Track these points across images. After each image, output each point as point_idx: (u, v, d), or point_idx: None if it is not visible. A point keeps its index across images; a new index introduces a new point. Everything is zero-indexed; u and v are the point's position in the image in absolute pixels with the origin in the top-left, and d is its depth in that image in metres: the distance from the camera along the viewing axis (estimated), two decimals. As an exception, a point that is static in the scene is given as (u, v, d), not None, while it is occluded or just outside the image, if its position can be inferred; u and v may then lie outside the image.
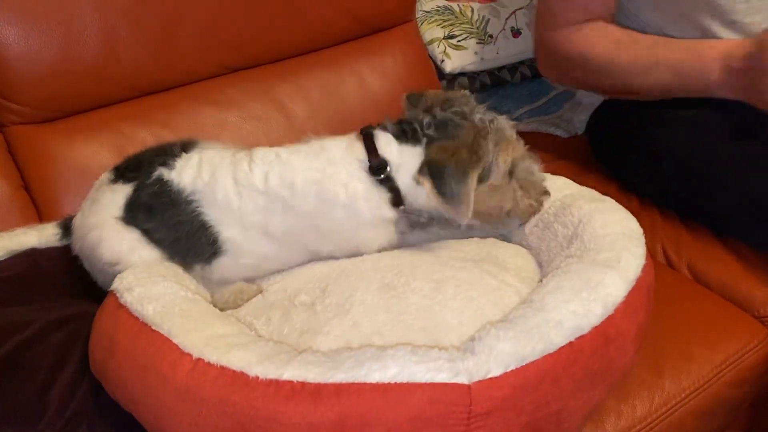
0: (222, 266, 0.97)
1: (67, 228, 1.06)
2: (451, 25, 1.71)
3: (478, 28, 1.71)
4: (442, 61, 1.66)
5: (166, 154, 0.98)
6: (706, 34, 1.23)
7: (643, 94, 1.26)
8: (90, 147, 1.23)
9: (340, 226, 0.94)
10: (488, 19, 1.72)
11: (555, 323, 0.75)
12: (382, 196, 0.93)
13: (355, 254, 0.98)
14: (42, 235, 1.07)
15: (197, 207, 0.94)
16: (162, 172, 0.96)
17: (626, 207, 1.00)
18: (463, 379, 0.69)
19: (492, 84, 1.73)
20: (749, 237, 1.17)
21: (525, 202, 0.97)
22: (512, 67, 1.75)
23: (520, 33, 1.73)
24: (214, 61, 1.33)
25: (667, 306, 1.02)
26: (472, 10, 1.73)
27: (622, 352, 0.82)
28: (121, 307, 0.84)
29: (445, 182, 0.87)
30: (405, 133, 0.93)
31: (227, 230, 0.94)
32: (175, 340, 0.76)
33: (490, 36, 1.71)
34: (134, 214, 0.95)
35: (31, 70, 1.16)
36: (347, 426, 0.68)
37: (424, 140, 0.92)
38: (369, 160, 0.92)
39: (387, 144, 0.93)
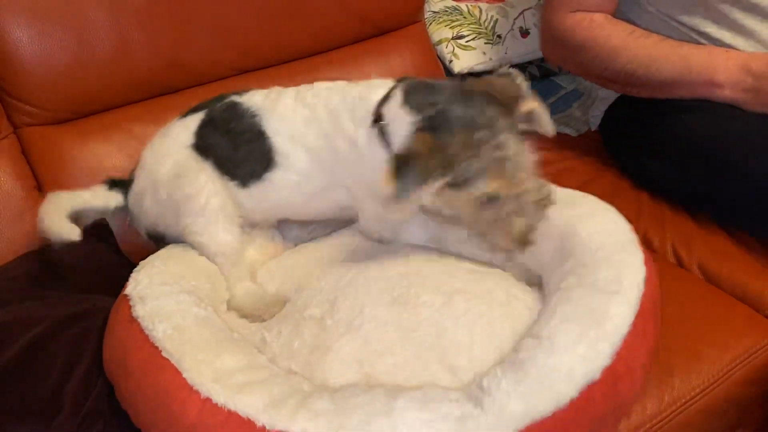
0: (272, 181, 1.01)
1: (114, 183, 1.12)
2: (459, 25, 1.71)
3: (486, 29, 1.71)
4: (451, 61, 1.66)
5: (236, 92, 1.07)
6: (722, 23, 1.24)
7: (644, 87, 1.28)
8: (103, 148, 1.24)
9: (349, 158, 0.96)
10: (496, 20, 1.72)
11: (566, 373, 0.74)
12: (381, 146, 0.92)
13: (372, 192, 0.95)
14: (94, 192, 1.11)
15: (259, 120, 1.00)
16: (233, 98, 1.05)
17: (636, 204, 1.00)
18: None
19: (500, 84, 1.73)
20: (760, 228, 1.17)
21: (493, 234, 0.91)
22: (521, 67, 1.74)
23: (528, 33, 1.73)
24: (224, 62, 1.34)
25: (677, 305, 1.02)
26: (481, 11, 1.73)
27: (632, 386, 0.80)
28: (134, 320, 0.85)
29: (402, 175, 0.82)
30: (413, 96, 0.90)
31: (280, 141, 0.99)
32: (185, 375, 0.76)
33: (499, 36, 1.70)
34: (204, 132, 1.03)
35: (44, 71, 1.17)
36: None
37: (418, 117, 0.87)
38: (375, 110, 0.93)
39: (394, 101, 0.91)
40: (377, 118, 0.92)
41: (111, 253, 1.14)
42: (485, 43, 1.69)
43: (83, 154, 1.23)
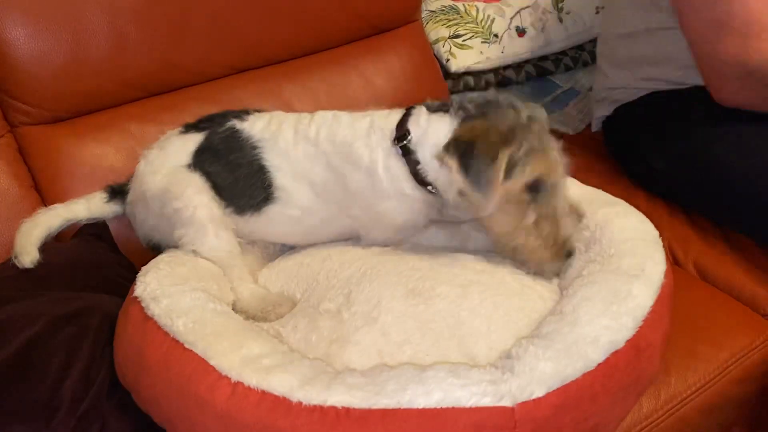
0: (270, 215, 1.02)
1: (114, 192, 1.12)
2: (456, 24, 1.71)
3: (483, 28, 1.71)
4: (448, 60, 1.66)
5: (240, 112, 1.06)
6: None
7: None
8: (99, 147, 1.24)
9: (362, 189, 0.96)
10: (493, 19, 1.72)
11: (591, 340, 0.76)
12: (402, 169, 0.93)
13: (382, 224, 0.98)
14: (90, 204, 1.12)
15: (260, 152, 1.01)
16: (235, 122, 1.04)
17: (633, 203, 1.01)
18: (507, 402, 0.70)
19: (497, 83, 1.73)
20: (759, 233, 1.17)
21: (532, 242, 0.90)
22: (517, 66, 1.75)
23: (525, 32, 1.73)
24: (221, 61, 1.34)
25: (674, 304, 1.03)
26: (477, 10, 1.73)
27: (651, 362, 0.83)
28: (148, 318, 0.85)
29: (471, 162, 0.84)
30: (442, 108, 0.92)
31: (281, 177, 1.00)
32: (212, 362, 0.76)
33: (495, 35, 1.71)
34: (202, 158, 1.03)
35: (40, 71, 1.17)
36: None
37: (460, 113, 0.89)
38: (395, 131, 0.93)
39: (417, 116, 0.93)
40: (402, 136, 0.92)
41: (108, 252, 1.14)
42: (482, 42, 1.69)
43: (80, 153, 1.23)
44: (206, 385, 0.75)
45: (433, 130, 0.91)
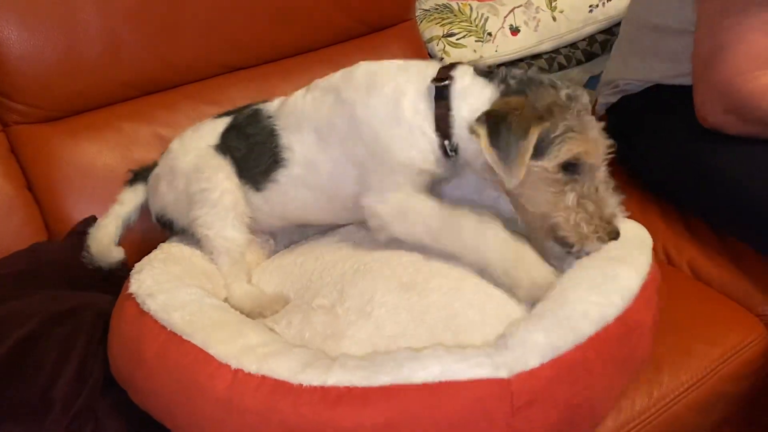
0: (280, 182, 1.02)
1: (135, 176, 1.16)
2: (450, 23, 1.71)
3: (477, 26, 1.71)
4: (442, 59, 1.67)
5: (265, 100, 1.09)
6: None
7: None
8: (93, 146, 1.23)
9: (372, 116, 0.93)
10: (487, 17, 1.73)
11: (582, 313, 0.77)
12: (429, 111, 0.91)
13: (383, 161, 0.93)
14: (122, 202, 1.14)
15: (272, 121, 1.02)
16: (260, 105, 1.07)
17: (627, 201, 1.00)
18: (503, 374, 0.71)
19: (491, 82, 1.74)
20: (753, 239, 1.18)
21: (574, 217, 0.85)
22: (511, 65, 1.75)
23: (518, 31, 1.74)
24: (215, 60, 1.34)
25: (666, 302, 1.03)
26: (471, 8, 1.73)
27: (642, 340, 0.84)
28: (145, 314, 0.85)
29: (501, 134, 0.82)
30: (488, 74, 0.91)
31: (288, 135, 1.00)
32: (210, 351, 0.77)
33: (489, 34, 1.71)
34: (228, 136, 1.05)
35: (34, 69, 1.16)
36: (397, 427, 0.70)
37: (502, 86, 0.88)
38: (438, 73, 0.91)
39: (464, 71, 0.91)
40: (443, 78, 0.90)
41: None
42: (476, 41, 1.69)
43: (73, 152, 1.23)
44: (206, 374, 0.75)
45: (475, 91, 0.89)
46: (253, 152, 1.03)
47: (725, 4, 1.10)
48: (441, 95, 0.90)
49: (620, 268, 0.84)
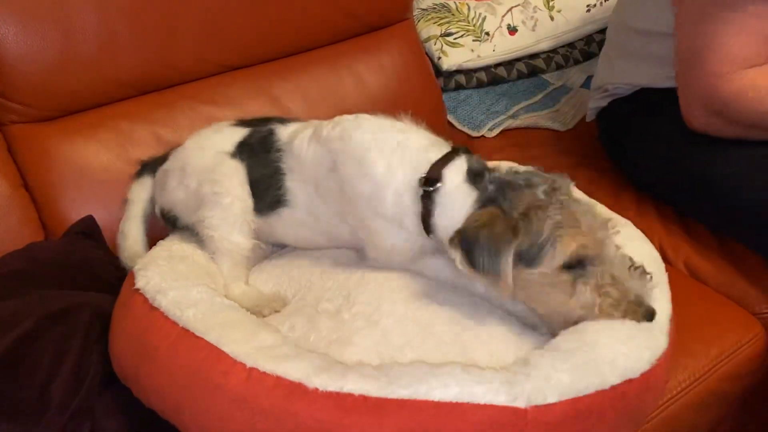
0: (282, 217, 1.02)
1: (144, 166, 1.17)
2: (447, 22, 1.71)
3: (474, 26, 1.71)
4: (439, 58, 1.67)
5: (287, 119, 1.08)
6: None
7: None
8: (89, 145, 1.23)
9: (360, 199, 0.93)
10: (484, 17, 1.73)
11: (609, 361, 0.76)
12: (413, 207, 0.90)
13: (372, 240, 0.95)
14: (135, 199, 1.15)
15: (281, 155, 1.01)
16: (276, 125, 1.06)
17: (623, 201, 1.01)
18: (520, 403, 0.71)
19: (488, 81, 1.74)
20: (748, 239, 1.18)
21: (599, 308, 0.80)
22: (508, 65, 1.75)
23: (516, 30, 1.74)
24: (212, 59, 1.34)
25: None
26: (469, 8, 1.74)
27: (655, 399, 0.85)
28: (154, 309, 0.84)
29: (475, 257, 0.80)
30: (478, 176, 0.87)
31: (292, 180, 1.00)
32: (225, 349, 0.76)
33: (487, 33, 1.71)
34: (241, 151, 1.05)
35: (30, 68, 1.16)
36: None
37: (482, 194, 0.85)
38: (429, 169, 0.89)
39: (455, 172, 0.88)
40: (432, 180, 0.88)
41: (97, 249, 1.14)
42: (473, 41, 1.69)
43: (70, 151, 1.22)
44: (220, 371, 0.75)
45: (458, 200, 0.87)
46: (260, 183, 1.03)
47: (701, 9, 1.11)
48: (427, 196, 0.88)
49: (654, 328, 0.82)
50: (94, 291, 1.01)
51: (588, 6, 1.80)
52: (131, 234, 1.13)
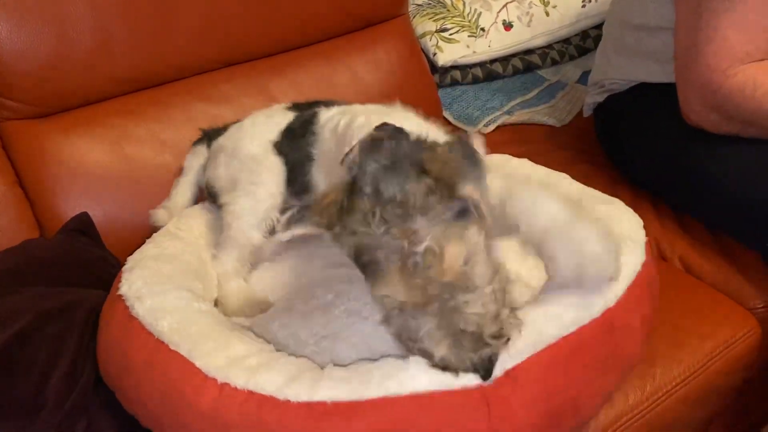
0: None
1: (204, 135, 1.19)
2: (443, 18, 1.71)
3: (470, 22, 1.71)
4: (435, 54, 1.67)
5: (334, 102, 1.06)
6: None
7: None
8: (84, 142, 1.23)
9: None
10: (480, 12, 1.73)
11: (554, 316, 0.77)
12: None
13: None
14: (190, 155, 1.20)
15: (314, 140, 1.00)
16: (321, 108, 1.04)
17: (620, 196, 1.01)
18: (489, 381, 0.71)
19: (484, 77, 1.74)
20: (744, 235, 1.18)
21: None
22: (504, 60, 1.75)
23: (511, 26, 1.74)
24: (207, 56, 1.33)
25: (659, 296, 1.03)
26: (464, 4, 1.73)
27: (629, 341, 0.84)
28: (133, 318, 0.84)
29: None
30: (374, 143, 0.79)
31: (318, 167, 0.99)
32: (197, 363, 0.76)
33: (482, 29, 1.71)
34: (285, 135, 1.05)
35: (24, 65, 1.15)
36: None
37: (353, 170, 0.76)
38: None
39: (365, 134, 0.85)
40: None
41: (93, 246, 1.14)
42: (469, 36, 1.69)
43: (65, 148, 1.22)
44: (192, 387, 0.75)
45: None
46: (295, 168, 1.02)
47: (701, 3, 1.11)
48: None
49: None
50: (89, 288, 1.01)
51: (583, 1, 1.80)
52: (179, 191, 1.18)
